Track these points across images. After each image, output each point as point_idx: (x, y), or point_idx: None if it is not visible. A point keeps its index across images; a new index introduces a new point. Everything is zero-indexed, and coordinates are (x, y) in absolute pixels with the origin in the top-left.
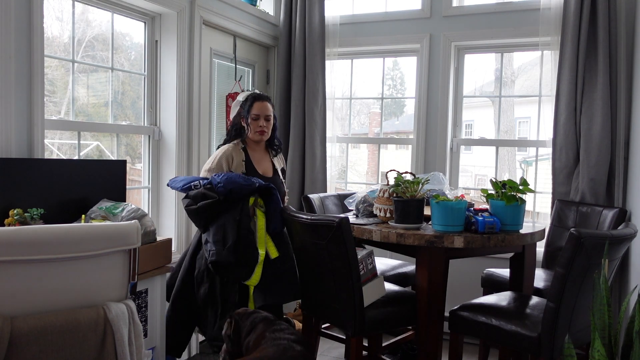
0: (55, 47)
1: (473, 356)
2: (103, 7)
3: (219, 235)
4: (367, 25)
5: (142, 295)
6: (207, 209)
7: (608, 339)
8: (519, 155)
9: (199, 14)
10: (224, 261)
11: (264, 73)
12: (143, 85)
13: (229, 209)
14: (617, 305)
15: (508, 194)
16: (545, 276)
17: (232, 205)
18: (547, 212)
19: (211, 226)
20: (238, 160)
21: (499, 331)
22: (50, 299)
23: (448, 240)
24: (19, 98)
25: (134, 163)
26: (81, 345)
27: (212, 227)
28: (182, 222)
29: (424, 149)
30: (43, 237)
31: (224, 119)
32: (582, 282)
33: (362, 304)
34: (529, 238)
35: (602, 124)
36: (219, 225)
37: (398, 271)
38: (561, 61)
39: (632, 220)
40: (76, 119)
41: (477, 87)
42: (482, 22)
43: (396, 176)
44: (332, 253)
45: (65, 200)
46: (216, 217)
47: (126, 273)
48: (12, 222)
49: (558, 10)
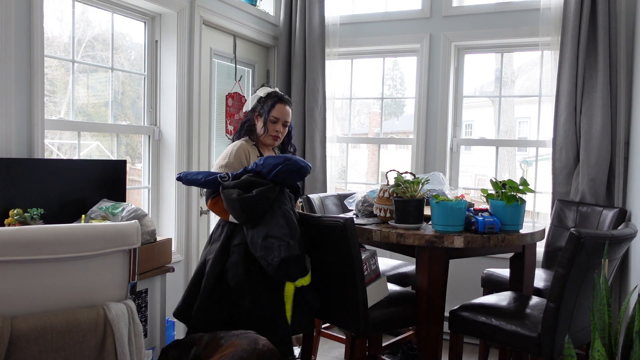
0: (55, 47)
1: (473, 356)
2: (103, 7)
3: (284, 228)
4: (367, 25)
5: (142, 295)
6: (266, 195)
7: (608, 339)
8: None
9: (199, 14)
10: (295, 256)
11: (264, 73)
12: (143, 85)
13: (279, 197)
14: (617, 305)
15: (508, 194)
16: (545, 276)
17: (280, 194)
18: (547, 212)
19: (269, 218)
20: (253, 157)
21: (499, 331)
22: (50, 299)
23: (448, 240)
24: (19, 98)
25: (134, 163)
26: (81, 345)
27: (271, 219)
28: (182, 222)
29: (424, 149)
30: (43, 237)
31: (224, 119)
32: (582, 282)
33: (367, 305)
34: (529, 238)
35: (602, 124)
36: (280, 216)
37: (398, 271)
38: (561, 61)
39: (632, 220)
40: (76, 119)
41: (477, 87)
42: (482, 22)
43: (396, 176)
44: (336, 254)
45: (65, 200)
46: (270, 209)
47: (126, 273)
48: (12, 222)
49: (558, 10)
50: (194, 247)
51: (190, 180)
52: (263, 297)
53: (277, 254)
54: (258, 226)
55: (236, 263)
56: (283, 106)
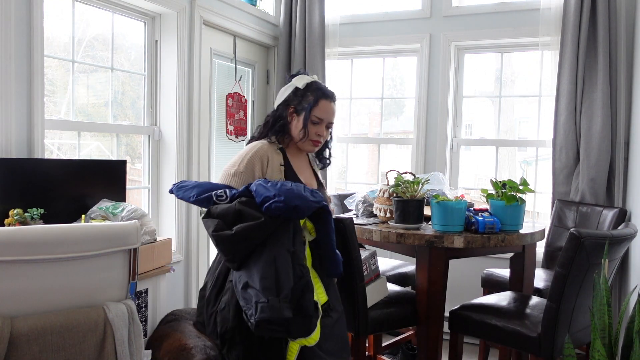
0: (55, 47)
1: (473, 356)
2: (103, 7)
3: (269, 279)
4: (367, 25)
5: (142, 295)
6: (250, 235)
7: (608, 339)
8: (519, 155)
9: (199, 14)
10: (279, 318)
11: (264, 73)
12: (143, 85)
13: (277, 233)
14: (617, 305)
15: (508, 194)
16: (545, 276)
17: (281, 228)
18: (547, 212)
19: (253, 262)
20: (275, 164)
21: (499, 331)
22: (50, 299)
23: (448, 240)
24: (19, 98)
25: (134, 163)
26: (81, 345)
27: (254, 264)
28: (182, 222)
29: (424, 149)
30: (43, 237)
31: (224, 119)
32: (582, 282)
33: (366, 305)
34: (529, 238)
35: (602, 124)
36: (267, 261)
37: (398, 271)
38: (561, 61)
39: (632, 220)
40: (76, 119)
41: (477, 87)
42: (482, 22)
43: (396, 176)
44: None
45: (65, 200)
46: (260, 247)
47: (126, 273)
48: (12, 222)
49: (558, 10)
50: (194, 247)
51: (180, 197)
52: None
53: (254, 312)
54: (241, 269)
55: (227, 305)
56: (329, 103)
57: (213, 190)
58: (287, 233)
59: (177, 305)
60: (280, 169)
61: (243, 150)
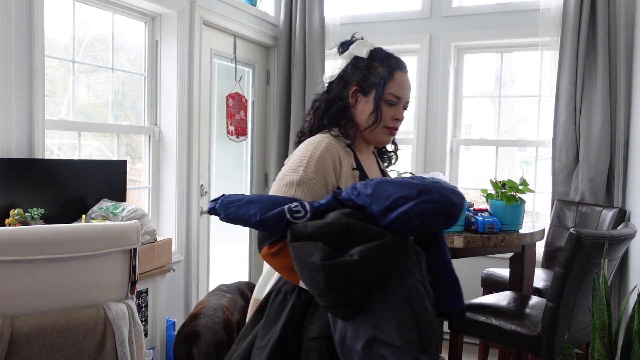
0: (56, 47)
1: (473, 356)
2: (103, 7)
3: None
4: (367, 25)
5: (142, 295)
6: (376, 262)
7: (607, 338)
8: (518, 155)
9: (199, 14)
10: None
11: (264, 73)
12: (143, 86)
13: (399, 257)
14: (617, 305)
15: (508, 194)
16: (545, 276)
17: (403, 250)
18: (546, 212)
19: (377, 303)
20: (346, 168)
21: (499, 331)
22: (51, 298)
23: (448, 240)
24: (20, 98)
25: (134, 163)
26: (81, 345)
27: (381, 307)
28: (182, 222)
29: (424, 149)
30: (43, 237)
31: (224, 119)
32: (582, 282)
33: None
34: (529, 238)
35: (602, 124)
36: (404, 300)
37: None
38: (561, 61)
39: (632, 220)
40: (76, 119)
41: (477, 87)
42: (482, 23)
43: (396, 176)
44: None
45: (65, 200)
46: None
47: (126, 273)
48: (12, 222)
49: (558, 11)
50: (194, 247)
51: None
52: None
53: None
54: (357, 317)
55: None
56: (404, 75)
57: (280, 205)
58: (410, 259)
59: (177, 306)
60: (353, 174)
61: (301, 149)
